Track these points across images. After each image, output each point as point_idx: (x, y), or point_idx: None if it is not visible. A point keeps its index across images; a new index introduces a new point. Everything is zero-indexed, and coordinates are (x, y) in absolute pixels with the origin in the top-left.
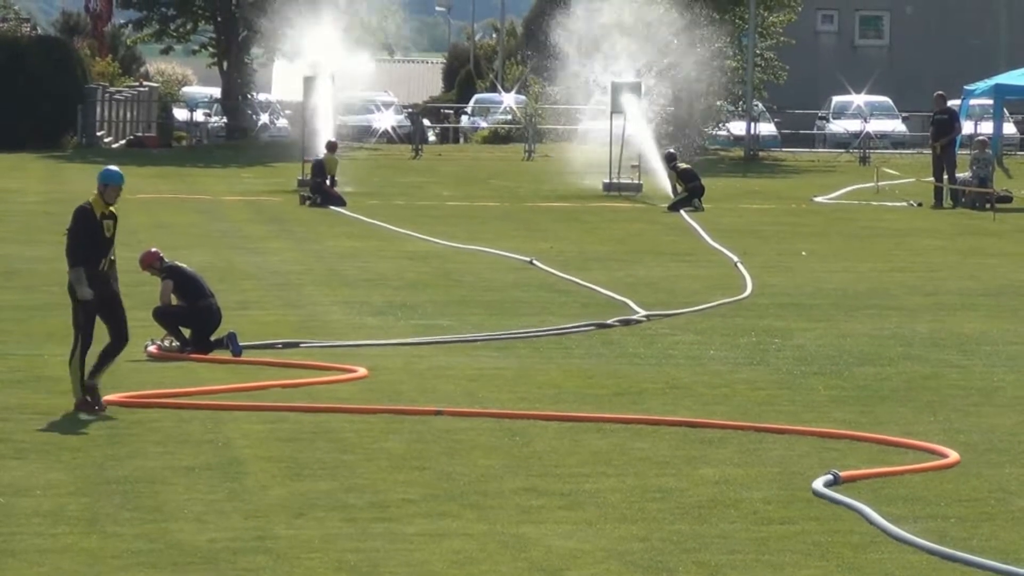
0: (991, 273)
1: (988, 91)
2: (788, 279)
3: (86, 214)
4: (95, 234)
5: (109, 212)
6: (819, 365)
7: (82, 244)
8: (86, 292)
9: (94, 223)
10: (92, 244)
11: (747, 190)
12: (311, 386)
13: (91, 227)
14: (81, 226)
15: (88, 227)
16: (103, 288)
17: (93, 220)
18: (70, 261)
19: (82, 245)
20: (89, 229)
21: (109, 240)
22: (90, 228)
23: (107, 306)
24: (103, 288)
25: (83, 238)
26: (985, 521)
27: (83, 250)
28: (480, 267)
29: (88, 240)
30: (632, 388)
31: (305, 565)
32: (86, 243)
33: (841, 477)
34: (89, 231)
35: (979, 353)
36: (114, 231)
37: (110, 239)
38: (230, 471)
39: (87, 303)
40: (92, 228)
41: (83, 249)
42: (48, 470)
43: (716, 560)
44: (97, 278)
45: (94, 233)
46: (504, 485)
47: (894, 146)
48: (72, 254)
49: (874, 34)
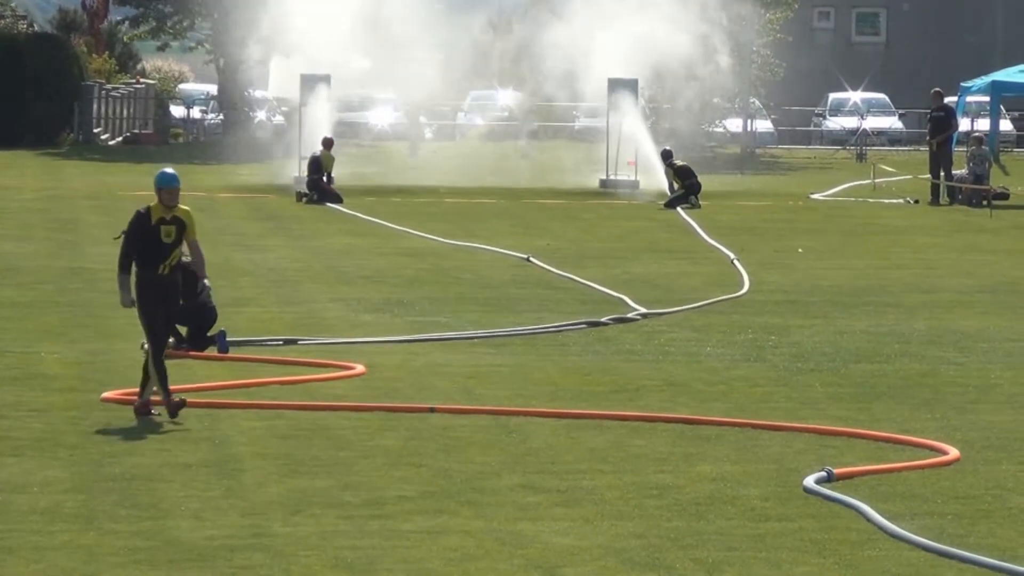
0: (988, 270)
1: (985, 88)
2: (785, 276)
3: (140, 219)
4: (150, 239)
5: (171, 217)
6: (816, 362)
7: (131, 249)
8: (125, 299)
9: (148, 228)
10: (146, 249)
11: (744, 187)
12: (309, 383)
13: (144, 232)
14: (133, 231)
15: (140, 232)
16: (161, 294)
17: (147, 225)
18: (118, 265)
19: (131, 250)
20: (141, 234)
21: (168, 246)
22: (143, 233)
23: (163, 314)
24: (161, 294)
25: (134, 243)
26: (982, 518)
27: (132, 256)
28: (477, 264)
29: (140, 245)
30: (629, 385)
31: (302, 562)
32: (138, 248)
33: (835, 474)
34: (141, 236)
35: (976, 350)
36: (176, 236)
37: (169, 245)
38: (227, 468)
39: (144, 307)
40: (145, 233)
41: (132, 255)
42: (45, 467)
43: (713, 557)
44: (154, 283)
45: (148, 238)
46: (501, 482)
47: (891, 143)
48: (120, 258)
49: (871, 31)
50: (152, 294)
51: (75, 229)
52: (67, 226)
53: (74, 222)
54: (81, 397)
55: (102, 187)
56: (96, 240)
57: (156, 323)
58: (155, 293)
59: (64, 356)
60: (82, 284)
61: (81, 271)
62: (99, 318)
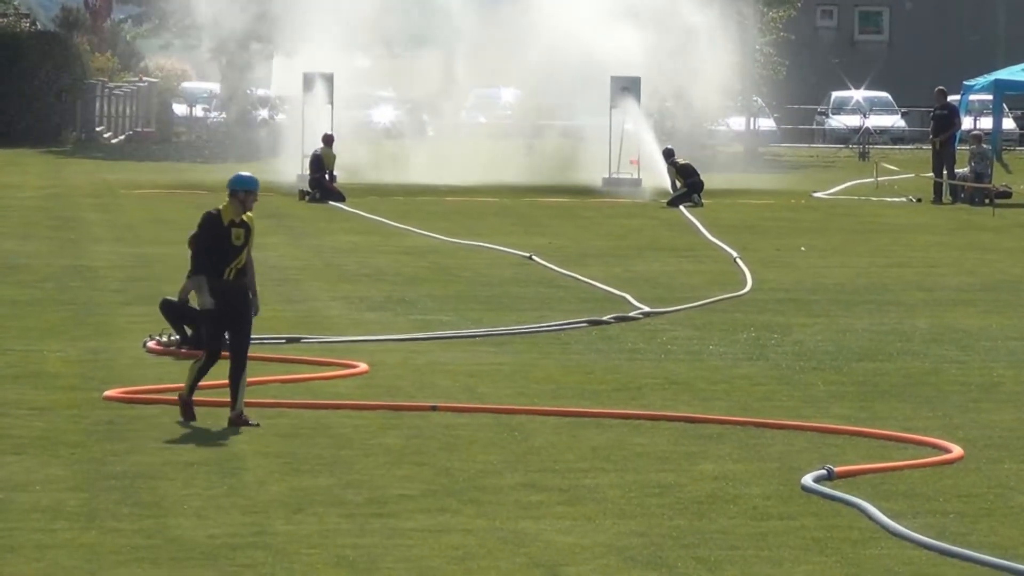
0: (990, 268)
1: (987, 86)
2: (787, 274)
3: (212, 220)
4: (221, 242)
5: (241, 220)
6: (818, 360)
7: (205, 251)
8: (206, 301)
9: (220, 230)
10: (215, 252)
11: (746, 185)
12: (310, 381)
13: (216, 234)
14: (204, 232)
15: (212, 234)
16: (228, 300)
17: (219, 227)
18: (192, 268)
19: (205, 252)
20: (213, 236)
21: (237, 249)
22: (214, 235)
23: (233, 321)
24: (228, 300)
25: (206, 245)
26: (984, 517)
27: (206, 257)
28: (479, 263)
29: (212, 247)
30: (631, 383)
31: (304, 560)
32: (209, 250)
33: (836, 472)
34: (213, 238)
35: (978, 348)
36: (246, 240)
37: (239, 248)
38: (229, 467)
39: (210, 313)
40: (217, 235)
41: (206, 256)
42: (47, 465)
43: (715, 555)
44: (221, 288)
45: (219, 241)
46: (503, 481)
47: (893, 141)
48: (194, 261)
49: (873, 29)
50: (220, 302)
51: (77, 227)
52: (69, 224)
53: (76, 220)
54: (83, 395)
55: (104, 185)
56: (97, 238)
57: (220, 336)
58: (223, 301)
59: (66, 354)
60: (84, 282)
61: (83, 269)
62: (101, 316)
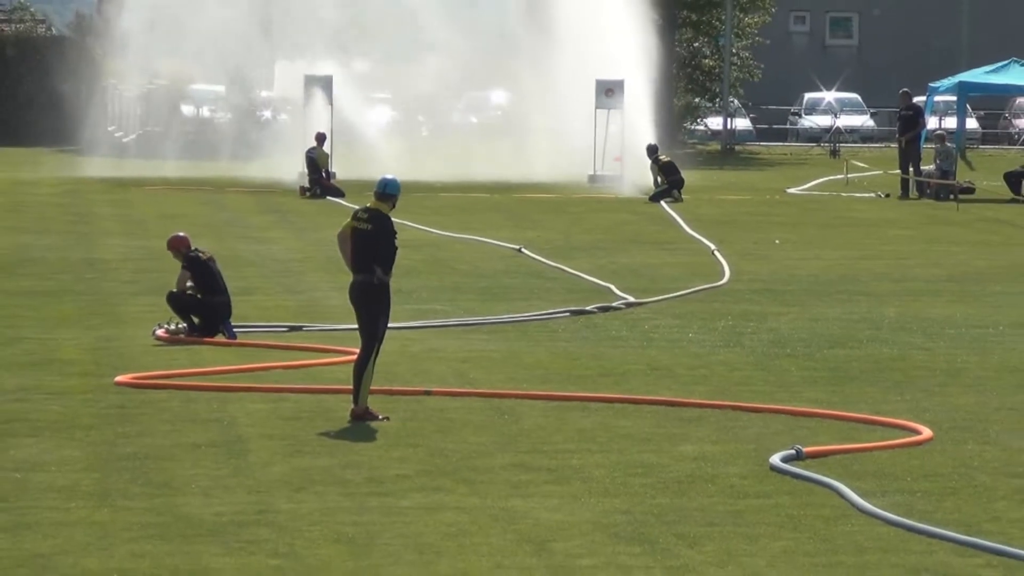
0: (954, 260)
1: (952, 88)
2: (763, 266)
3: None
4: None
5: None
6: (792, 347)
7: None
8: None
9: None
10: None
11: (724, 182)
12: (312, 367)
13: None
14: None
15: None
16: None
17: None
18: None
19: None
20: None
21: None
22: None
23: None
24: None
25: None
26: (950, 495)
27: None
28: (471, 255)
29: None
30: (615, 369)
31: (305, 537)
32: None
33: (804, 453)
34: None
35: (944, 336)
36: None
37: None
38: (234, 448)
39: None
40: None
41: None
42: (62, 447)
43: (695, 532)
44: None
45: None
46: (494, 461)
47: (863, 140)
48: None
49: (844, 34)
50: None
51: (90, 222)
52: (83, 219)
53: (89, 216)
54: (96, 381)
55: (116, 182)
56: (110, 233)
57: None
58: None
59: (80, 342)
60: (97, 274)
61: (96, 262)
62: (113, 306)
